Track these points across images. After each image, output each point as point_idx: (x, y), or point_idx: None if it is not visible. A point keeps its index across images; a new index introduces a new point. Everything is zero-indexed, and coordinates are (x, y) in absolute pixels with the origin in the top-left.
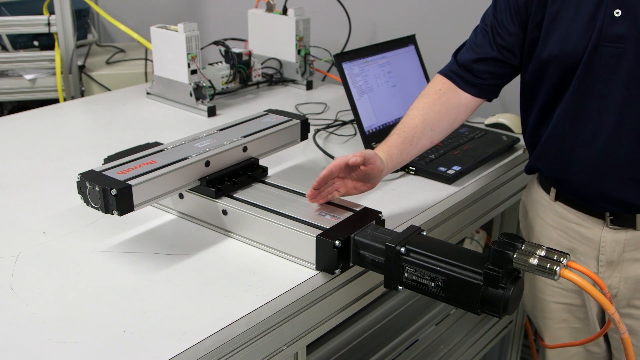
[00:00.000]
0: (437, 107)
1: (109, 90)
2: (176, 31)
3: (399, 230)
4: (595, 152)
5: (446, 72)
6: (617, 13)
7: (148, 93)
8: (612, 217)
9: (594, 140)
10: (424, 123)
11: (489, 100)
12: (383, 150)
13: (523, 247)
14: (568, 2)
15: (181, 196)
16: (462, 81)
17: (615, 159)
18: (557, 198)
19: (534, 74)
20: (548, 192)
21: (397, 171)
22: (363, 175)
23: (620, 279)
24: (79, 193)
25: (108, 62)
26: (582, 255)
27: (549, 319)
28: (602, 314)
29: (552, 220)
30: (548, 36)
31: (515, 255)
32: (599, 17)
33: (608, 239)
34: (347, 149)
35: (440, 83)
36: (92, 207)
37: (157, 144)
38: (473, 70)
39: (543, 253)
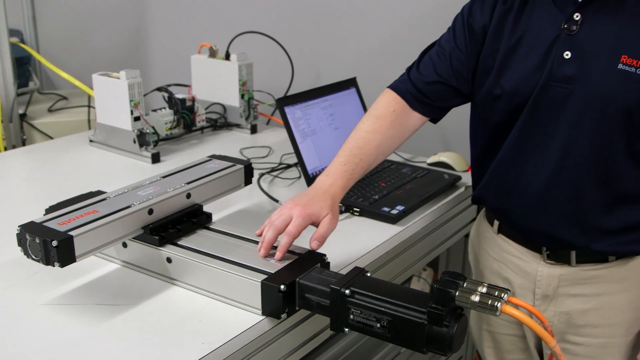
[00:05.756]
0: (392, 131)
1: (51, 138)
2: (118, 78)
3: (345, 272)
4: (536, 187)
5: (401, 91)
6: (567, 55)
7: (91, 140)
8: (548, 252)
9: (536, 175)
10: (378, 149)
11: (434, 121)
12: (342, 187)
13: (465, 285)
14: (524, 40)
15: (124, 245)
16: (415, 101)
17: (554, 196)
18: (500, 231)
19: (484, 106)
20: (492, 224)
21: (341, 213)
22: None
23: (555, 313)
24: (19, 245)
25: (50, 110)
26: (519, 288)
27: (496, 349)
28: (540, 344)
29: (494, 253)
30: (501, 72)
31: (457, 293)
32: (550, 57)
33: (544, 274)
34: (292, 192)
35: (394, 103)
36: (33, 259)
37: (99, 192)
38: (426, 92)
39: (484, 290)
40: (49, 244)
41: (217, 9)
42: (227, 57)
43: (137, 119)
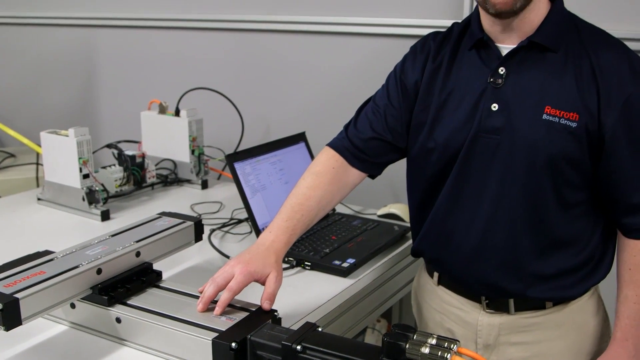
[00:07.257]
0: (331, 187)
1: None
2: (67, 136)
3: (297, 327)
4: (472, 236)
5: (339, 149)
6: (494, 107)
7: (39, 199)
8: (487, 302)
9: (471, 225)
10: (319, 205)
11: (373, 177)
12: (285, 242)
13: (415, 337)
14: (454, 94)
15: (73, 306)
16: (353, 157)
17: (490, 245)
18: (440, 282)
19: (419, 159)
20: (432, 276)
21: (292, 267)
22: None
23: None
24: None
25: None
26: (461, 339)
27: None
28: None
29: (435, 304)
30: (434, 126)
31: (407, 346)
32: (478, 110)
33: (484, 323)
34: (243, 247)
35: (333, 160)
36: None
37: (47, 252)
38: (363, 148)
39: (434, 341)
40: None
41: (166, 66)
42: (177, 113)
43: (86, 176)
